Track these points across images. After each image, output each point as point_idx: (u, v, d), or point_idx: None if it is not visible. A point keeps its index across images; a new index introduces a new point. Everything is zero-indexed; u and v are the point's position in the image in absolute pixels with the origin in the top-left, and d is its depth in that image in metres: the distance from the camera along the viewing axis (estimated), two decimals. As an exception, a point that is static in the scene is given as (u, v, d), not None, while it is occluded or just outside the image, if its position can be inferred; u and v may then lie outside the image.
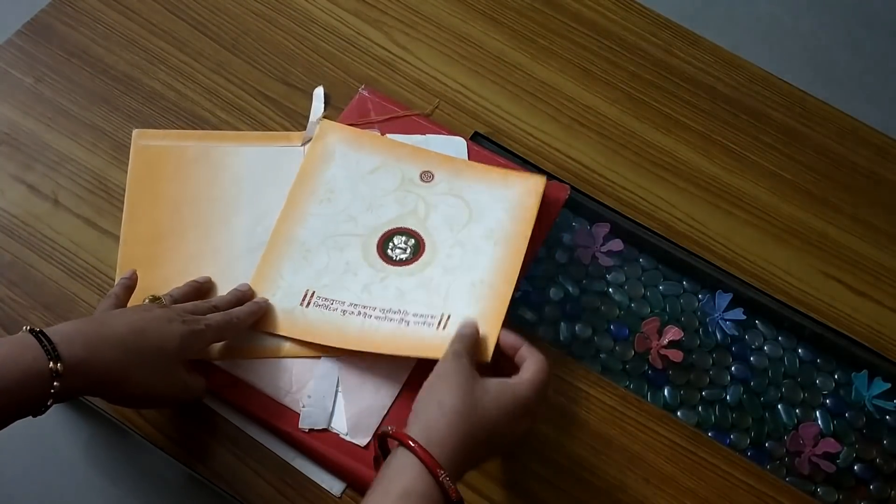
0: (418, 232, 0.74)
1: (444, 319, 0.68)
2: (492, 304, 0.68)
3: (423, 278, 0.71)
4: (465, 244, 0.73)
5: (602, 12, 0.94)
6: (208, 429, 0.68)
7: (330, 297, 0.70)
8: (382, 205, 0.75)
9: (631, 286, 0.81)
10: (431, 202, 0.75)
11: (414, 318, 0.68)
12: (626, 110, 0.88)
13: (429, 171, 0.77)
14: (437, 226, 0.74)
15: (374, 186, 0.76)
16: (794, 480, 0.73)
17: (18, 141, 0.79)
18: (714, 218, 0.83)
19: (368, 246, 0.73)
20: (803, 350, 0.80)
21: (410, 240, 0.73)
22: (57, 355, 0.53)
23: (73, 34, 0.85)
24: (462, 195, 0.76)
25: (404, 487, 0.51)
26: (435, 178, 0.77)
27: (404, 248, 0.73)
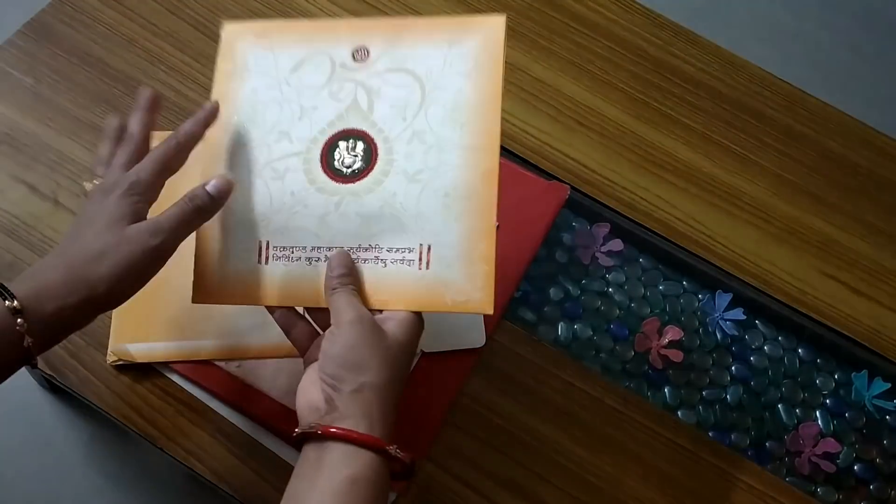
0: (365, 131, 0.59)
1: (425, 254, 0.57)
2: (474, 223, 0.56)
3: (386, 194, 0.58)
4: (424, 135, 0.58)
5: (602, 12, 0.94)
6: (208, 429, 0.68)
7: (287, 245, 0.58)
8: (315, 106, 0.60)
9: (631, 286, 0.81)
10: (373, 87, 0.60)
11: (389, 254, 0.57)
12: (626, 110, 0.88)
13: (362, 47, 0.61)
14: (386, 116, 0.59)
15: (302, 86, 0.61)
16: (794, 480, 0.73)
17: (18, 141, 0.79)
18: (714, 218, 0.83)
19: (311, 164, 0.59)
20: (803, 350, 0.80)
21: (359, 143, 0.59)
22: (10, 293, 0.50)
23: (73, 34, 0.85)
24: (407, 67, 0.60)
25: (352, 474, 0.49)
26: (371, 55, 0.60)
27: (354, 157, 0.59)
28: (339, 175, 0.59)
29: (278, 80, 0.61)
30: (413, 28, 0.61)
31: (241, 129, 0.61)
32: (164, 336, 0.69)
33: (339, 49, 0.61)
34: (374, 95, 0.60)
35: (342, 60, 0.61)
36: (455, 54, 0.60)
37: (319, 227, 0.58)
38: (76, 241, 0.53)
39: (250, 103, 0.61)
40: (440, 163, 0.58)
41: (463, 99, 0.59)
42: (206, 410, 0.68)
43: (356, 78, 0.60)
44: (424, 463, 0.68)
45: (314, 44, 0.62)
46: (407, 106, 0.59)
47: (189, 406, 0.68)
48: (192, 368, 0.68)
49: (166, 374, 0.69)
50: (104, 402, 0.68)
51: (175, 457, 0.67)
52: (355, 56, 0.61)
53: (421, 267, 0.57)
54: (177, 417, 0.68)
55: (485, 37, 0.60)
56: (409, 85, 0.60)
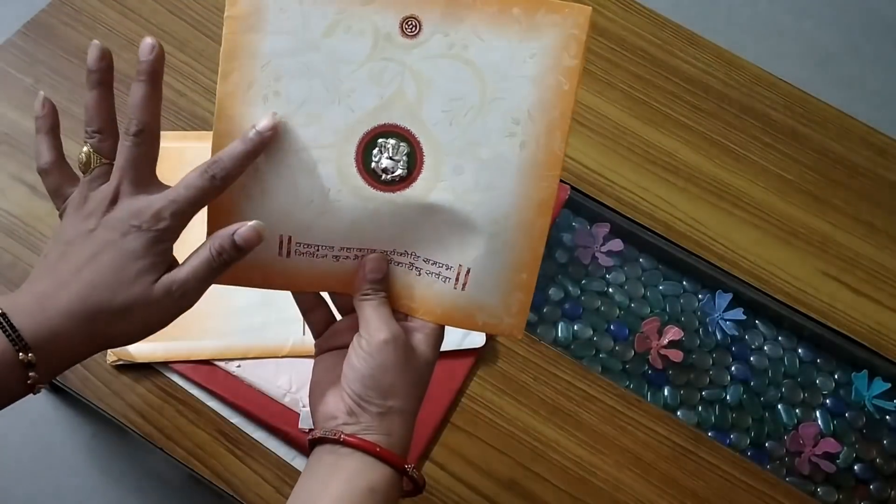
0: (410, 130, 0.50)
1: (463, 275, 0.52)
2: (523, 254, 0.51)
3: (427, 210, 0.51)
4: (479, 149, 0.50)
5: (602, 12, 0.94)
6: (208, 429, 0.68)
7: (312, 243, 0.52)
8: (353, 89, 0.49)
9: (631, 286, 0.81)
10: (423, 74, 0.49)
11: (425, 264, 0.52)
12: (626, 110, 0.88)
13: (412, 18, 0.49)
14: (436, 118, 0.50)
15: (336, 58, 0.49)
16: (794, 480, 0.73)
17: (18, 141, 0.79)
18: (714, 218, 0.83)
19: (345, 160, 0.50)
20: (803, 350, 0.80)
21: (402, 145, 0.50)
22: (25, 345, 0.45)
23: (73, 34, 0.85)
24: (467, 56, 0.49)
25: (369, 485, 0.49)
26: (423, 29, 0.49)
27: (395, 161, 0.50)
28: (376, 179, 0.50)
29: (306, 44, 0.49)
30: (478, 4, 0.49)
31: (263, 102, 0.50)
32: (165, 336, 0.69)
33: (385, 15, 0.49)
34: (424, 86, 0.50)
35: (387, 31, 0.49)
36: (525, 50, 0.49)
37: (350, 231, 0.51)
38: (93, 272, 0.47)
39: (272, 70, 0.49)
40: (493, 186, 0.50)
41: (526, 110, 0.50)
42: (206, 410, 0.68)
43: (404, 60, 0.49)
44: (425, 463, 0.68)
45: (353, 2, 0.49)
46: (463, 108, 0.50)
47: (189, 406, 0.68)
48: (192, 368, 0.68)
49: (166, 374, 0.69)
50: (104, 402, 0.68)
51: (175, 457, 0.67)
52: (404, 28, 0.49)
53: (457, 287, 0.52)
54: (177, 417, 0.68)
55: (563, 32, 0.49)
56: (467, 80, 0.49)
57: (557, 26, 0.49)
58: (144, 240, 0.48)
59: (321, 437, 0.51)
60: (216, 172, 0.49)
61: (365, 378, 0.50)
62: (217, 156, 0.49)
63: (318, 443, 0.51)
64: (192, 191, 0.49)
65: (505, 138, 0.50)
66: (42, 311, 0.47)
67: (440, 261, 0.52)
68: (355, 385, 0.51)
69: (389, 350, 0.50)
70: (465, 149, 0.50)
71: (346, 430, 0.50)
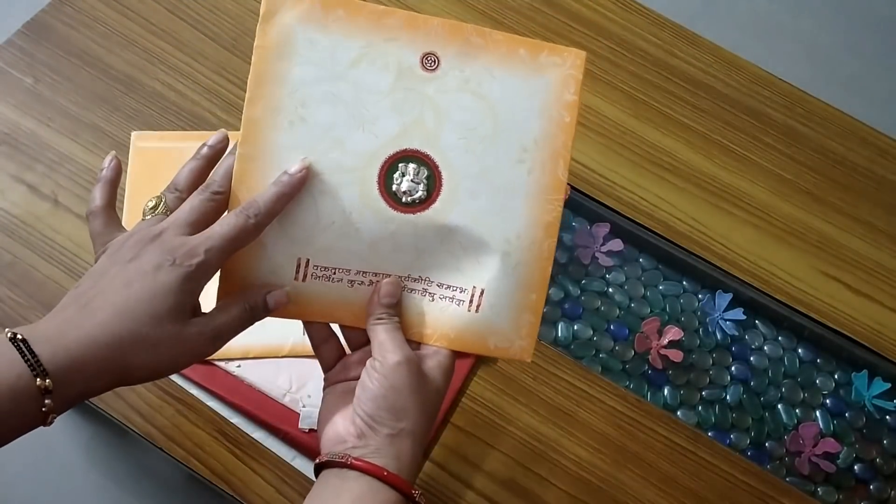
0: (430, 156, 0.53)
1: (477, 297, 0.54)
2: (533, 273, 0.55)
3: (445, 231, 0.54)
4: (491, 174, 0.54)
5: (602, 12, 0.94)
6: (208, 429, 0.68)
7: (330, 266, 0.53)
8: (377, 116, 0.53)
9: (631, 286, 0.81)
10: (441, 105, 0.53)
11: (439, 289, 0.54)
12: (626, 110, 0.88)
13: (432, 54, 0.53)
14: (453, 145, 0.53)
15: (361, 87, 0.53)
16: (794, 480, 0.73)
17: (18, 141, 0.79)
18: (714, 218, 0.83)
19: (367, 183, 0.53)
20: (803, 350, 0.80)
21: (422, 169, 0.53)
22: (43, 370, 0.45)
23: (73, 34, 0.85)
24: (481, 91, 0.54)
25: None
26: (441, 65, 0.53)
27: (416, 183, 0.53)
28: (397, 201, 0.53)
29: (332, 74, 0.52)
30: (489, 45, 0.54)
31: (290, 127, 0.52)
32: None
33: (407, 51, 0.53)
34: (442, 116, 0.53)
35: (409, 64, 0.53)
36: (532, 86, 0.55)
37: (369, 253, 0.53)
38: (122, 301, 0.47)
39: (299, 97, 0.52)
40: (505, 208, 0.54)
41: (533, 139, 0.55)
42: (206, 410, 0.68)
43: (424, 91, 0.53)
44: (425, 463, 0.68)
45: (378, 36, 0.53)
46: (477, 137, 0.54)
47: (189, 406, 0.68)
48: (192, 368, 0.68)
49: (166, 374, 0.69)
50: (104, 402, 0.68)
51: (175, 457, 0.67)
52: (424, 63, 0.53)
53: (471, 309, 0.54)
54: (177, 417, 0.68)
55: (562, 72, 0.55)
56: (481, 111, 0.54)
57: (558, 66, 0.55)
58: (177, 275, 0.48)
59: (328, 460, 0.50)
60: (251, 212, 0.50)
61: (377, 398, 0.50)
62: (253, 198, 0.50)
63: (324, 466, 0.51)
64: (228, 228, 0.49)
65: (515, 165, 0.54)
66: (62, 336, 0.46)
67: (455, 284, 0.54)
68: (367, 405, 0.50)
69: (403, 372, 0.51)
70: (479, 174, 0.54)
71: (354, 453, 0.50)
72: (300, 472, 0.66)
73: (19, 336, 0.45)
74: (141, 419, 0.68)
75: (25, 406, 0.46)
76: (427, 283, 0.55)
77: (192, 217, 0.50)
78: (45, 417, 0.47)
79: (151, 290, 0.47)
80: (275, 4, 0.52)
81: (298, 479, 0.66)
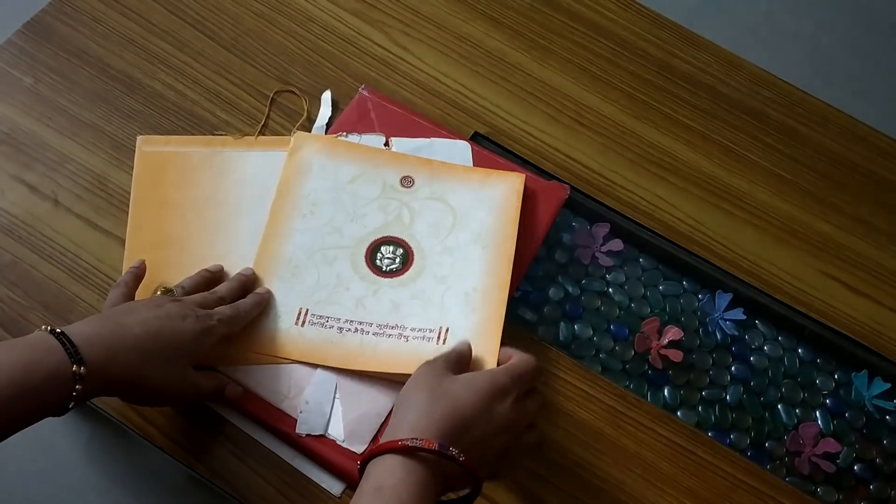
0: (405, 240, 0.74)
1: (444, 333, 0.68)
2: (488, 314, 0.69)
3: (416, 289, 0.71)
4: (453, 251, 0.73)
5: (602, 12, 0.94)
6: (208, 429, 0.68)
7: (324, 315, 0.70)
8: (366, 214, 0.75)
9: (631, 286, 0.81)
10: (415, 208, 0.75)
11: (412, 332, 0.69)
12: (625, 110, 0.88)
13: (409, 177, 0.77)
14: (423, 232, 0.74)
15: (356, 196, 0.76)
16: (794, 480, 0.73)
17: (18, 141, 0.79)
18: (714, 218, 0.83)
19: (357, 257, 0.73)
20: (803, 350, 0.80)
21: (398, 249, 0.73)
22: (80, 358, 0.54)
23: (73, 34, 0.85)
24: (445, 199, 0.76)
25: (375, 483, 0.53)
26: (416, 183, 0.76)
27: (393, 258, 0.73)
28: (379, 270, 0.72)
29: (337, 187, 0.76)
30: (452, 171, 0.77)
31: (302, 217, 0.74)
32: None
33: (391, 174, 0.77)
34: (415, 214, 0.75)
35: (392, 183, 0.76)
36: (483, 196, 0.76)
37: (356, 307, 0.70)
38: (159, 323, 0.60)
39: (311, 199, 0.75)
40: (465, 271, 0.72)
41: (486, 229, 0.74)
42: (205, 410, 0.68)
43: (402, 199, 0.76)
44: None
45: (371, 164, 0.77)
46: (441, 227, 0.74)
47: (189, 406, 0.68)
48: (192, 368, 0.68)
49: (166, 374, 0.69)
50: (104, 402, 0.68)
51: (175, 457, 0.67)
52: (403, 182, 0.76)
53: (438, 343, 0.68)
54: (176, 417, 0.68)
55: (508, 187, 0.76)
56: (444, 211, 0.75)
57: (504, 184, 0.77)
58: (198, 326, 0.62)
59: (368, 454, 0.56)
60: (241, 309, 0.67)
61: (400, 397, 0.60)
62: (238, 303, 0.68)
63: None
64: (230, 311, 0.66)
65: (472, 243, 0.73)
66: (99, 337, 0.56)
67: (424, 327, 0.69)
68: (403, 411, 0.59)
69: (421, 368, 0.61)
70: (443, 251, 0.73)
71: None
72: (300, 472, 0.66)
73: (58, 329, 0.55)
74: (141, 419, 0.68)
75: (59, 389, 0.54)
76: (402, 329, 0.69)
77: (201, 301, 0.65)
78: (67, 403, 0.55)
79: (176, 328, 0.60)
80: (300, 142, 0.78)
81: (299, 479, 0.66)
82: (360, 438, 0.66)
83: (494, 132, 0.85)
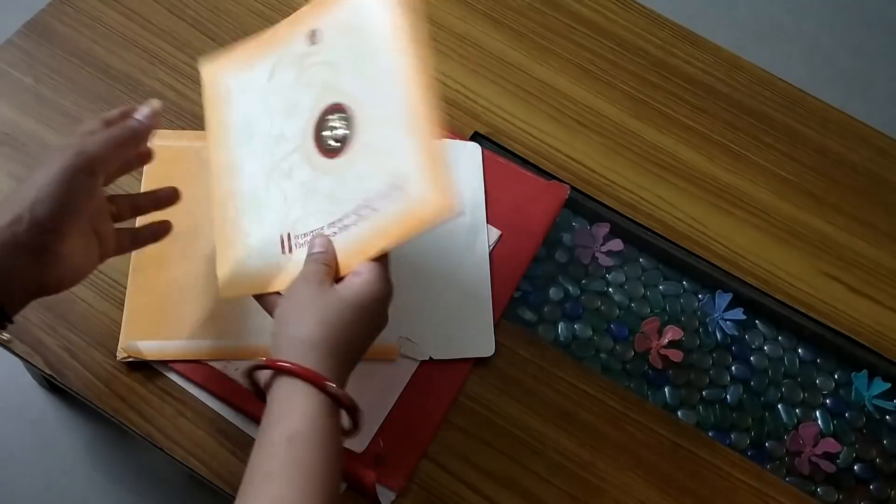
0: (340, 102, 0.61)
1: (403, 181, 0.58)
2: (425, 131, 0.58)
3: (367, 147, 0.60)
4: (378, 78, 0.60)
5: (602, 12, 0.94)
6: (208, 429, 0.68)
7: (306, 231, 0.60)
8: (297, 100, 0.63)
9: (631, 286, 0.81)
10: (333, 60, 0.63)
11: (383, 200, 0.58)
12: (625, 110, 0.88)
13: (314, 31, 0.64)
14: (349, 81, 0.62)
15: (280, 87, 0.65)
16: (794, 480, 0.73)
17: (18, 141, 0.79)
18: (714, 218, 0.83)
19: (309, 152, 0.62)
20: (803, 350, 0.80)
21: (338, 115, 0.62)
22: None
23: (73, 34, 0.85)
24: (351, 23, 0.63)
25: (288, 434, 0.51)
26: (325, 34, 0.64)
27: (340, 128, 0.61)
28: (334, 151, 0.61)
29: (261, 92, 0.65)
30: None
31: (245, 146, 0.65)
32: (175, 334, 0.69)
33: (297, 43, 0.65)
34: (335, 68, 0.62)
35: (302, 51, 0.64)
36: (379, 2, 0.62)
37: (331, 204, 0.60)
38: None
39: (243, 121, 0.65)
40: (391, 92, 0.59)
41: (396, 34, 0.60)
42: (206, 410, 0.68)
43: (317, 60, 0.63)
44: (424, 463, 0.68)
45: (277, 48, 0.66)
46: (361, 63, 0.61)
47: (189, 406, 0.68)
48: (192, 369, 0.68)
49: (166, 374, 0.69)
50: (104, 402, 0.68)
51: (175, 457, 0.67)
52: (311, 40, 0.64)
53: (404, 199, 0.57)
54: (177, 417, 0.68)
55: None
56: (356, 43, 0.62)
57: None
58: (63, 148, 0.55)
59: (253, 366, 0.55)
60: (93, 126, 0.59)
61: (277, 315, 0.57)
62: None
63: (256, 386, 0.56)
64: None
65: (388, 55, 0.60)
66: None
67: (388, 184, 0.58)
68: (272, 326, 0.56)
69: (298, 286, 0.56)
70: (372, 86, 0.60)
71: None
72: (300, 472, 0.66)
73: None
74: (141, 419, 0.68)
75: None
76: (375, 203, 0.58)
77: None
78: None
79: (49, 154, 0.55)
80: (207, 70, 0.69)
81: (298, 479, 0.66)
82: (359, 438, 0.66)
83: (494, 132, 0.84)
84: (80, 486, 1.16)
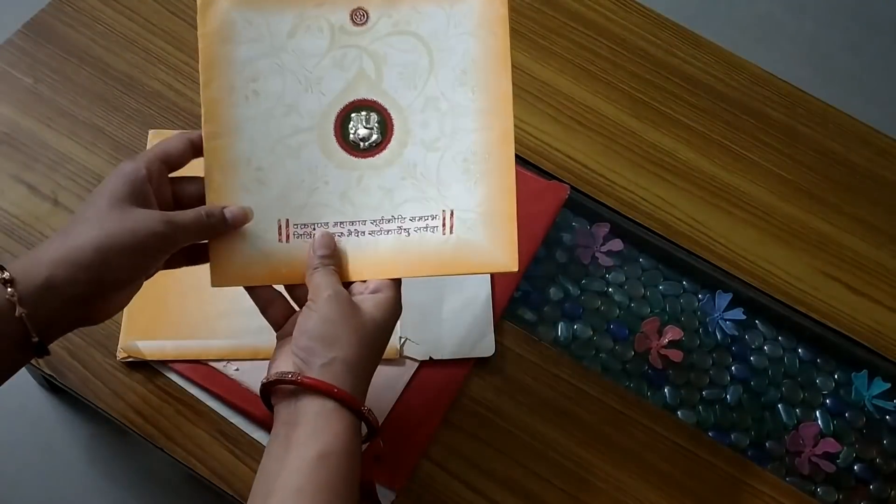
0: (377, 101, 0.58)
1: (448, 218, 0.58)
2: (497, 181, 0.58)
3: (405, 165, 0.58)
4: (437, 102, 0.58)
5: (602, 12, 0.94)
6: (208, 429, 0.68)
7: (308, 222, 0.58)
8: (321, 77, 0.58)
9: (631, 286, 0.81)
10: (378, 53, 0.58)
11: (412, 223, 0.58)
12: (625, 110, 0.88)
13: (360, 10, 0.58)
14: (396, 86, 0.58)
15: (301, 54, 0.58)
16: (794, 480, 0.73)
17: (18, 141, 0.79)
18: (714, 218, 0.83)
19: (326, 139, 0.58)
20: (803, 350, 0.80)
21: (371, 114, 0.58)
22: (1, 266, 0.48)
23: (73, 34, 0.85)
24: (410, 29, 0.58)
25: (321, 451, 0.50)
26: (370, 17, 0.58)
27: (369, 130, 0.58)
28: (357, 149, 0.58)
29: (275, 47, 0.57)
30: None
31: (246, 101, 0.57)
32: (175, 334, 0.69)
33: (336, 12, 0.58)
34: (380, 62, 0.58)
35: (340, 24, 0.58)
36: (458, 13, 0.58)
37: (342, 203, 0.58)
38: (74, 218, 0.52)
39: (249, 73, 0.57)
40: (456, 129, 0.58)
41: (471, 60, 0.58)
42: (206, 410, 0.68)
43: (359, 44, 0.58)
44: (424, 463, 0.68)
45: (307, 5, 0.58)
46: (416, 72, 0.58)
47: (189, 406, 0.68)
48: (192, 368, 0.68)
49: (166, 374, 0.69)
50: (104, 402, 0.68)
51: (175, 457, 0.67)
52: (354, 19, 0.58)
53: (445, 232, 0.58)
54: (177, 417, 0.68)
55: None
56: (415, 49, 0.58)
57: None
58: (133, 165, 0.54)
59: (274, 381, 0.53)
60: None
61: (310, 332, 0.53)
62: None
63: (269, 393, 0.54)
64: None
65: (458, 88, 0.58)
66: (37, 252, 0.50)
67: (425, 214, 0.58)
68: (301, 340, 0.53)
69: (332, 303, 0.54)
70: (425, 105, 0.58)
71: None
72: (300, 472, 0.66)
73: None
74: (141, 419, 0.68)
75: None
76: (401, 221, 0.58)
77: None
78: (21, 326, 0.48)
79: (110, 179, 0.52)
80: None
81: (298, 479, 0.66)
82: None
83: (494, 132, 0.84)
84: (80, 486, 1.16)
